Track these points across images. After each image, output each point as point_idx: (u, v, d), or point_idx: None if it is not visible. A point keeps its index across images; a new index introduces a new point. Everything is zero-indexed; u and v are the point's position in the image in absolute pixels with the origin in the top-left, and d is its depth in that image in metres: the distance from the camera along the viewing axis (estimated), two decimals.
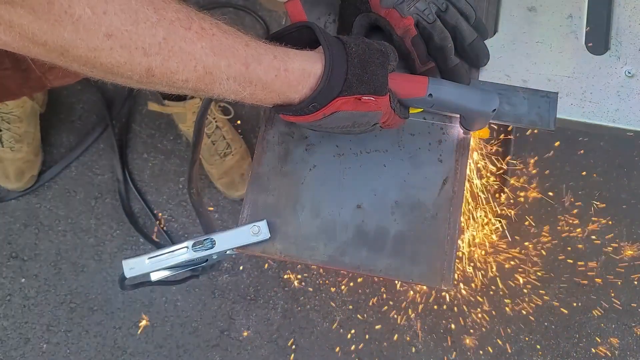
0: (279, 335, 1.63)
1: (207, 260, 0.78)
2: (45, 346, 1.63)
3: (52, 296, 1.66)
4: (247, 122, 1.79)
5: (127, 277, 0.75)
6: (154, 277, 0.77)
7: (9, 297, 1.66)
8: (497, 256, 1.66)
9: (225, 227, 1.68)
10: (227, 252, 0.77)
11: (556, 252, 1.69)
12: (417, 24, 0.78)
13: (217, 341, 1.63)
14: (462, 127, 0.78)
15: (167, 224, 1.71)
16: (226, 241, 0.75)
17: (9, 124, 1.64)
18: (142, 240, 1.68)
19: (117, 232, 1.70)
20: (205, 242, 0.75)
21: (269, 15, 1.84)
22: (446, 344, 1.62)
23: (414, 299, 1.64)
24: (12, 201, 1.72)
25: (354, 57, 0.66)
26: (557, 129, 0.81)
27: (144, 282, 0.78)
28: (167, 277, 0.78)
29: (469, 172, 1.36)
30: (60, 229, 1.70)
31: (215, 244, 0.75)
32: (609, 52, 0.86)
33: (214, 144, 1.66)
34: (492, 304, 1.64)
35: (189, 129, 1.66)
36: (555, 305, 1.65)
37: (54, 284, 1.67)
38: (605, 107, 0.83)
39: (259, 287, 1.67)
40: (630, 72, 0.85)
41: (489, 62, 0.82)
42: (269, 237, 0.76)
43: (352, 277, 1.66)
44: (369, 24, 0.82)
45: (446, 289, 0.75)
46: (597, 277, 1.68)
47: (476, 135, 0.86)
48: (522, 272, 1.66)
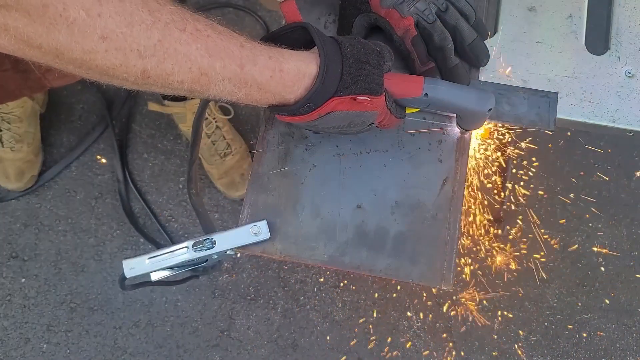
0: (279, 335, 1.63)
1: (207, 260, 0.78)
2: (45, 346, 1.63)
3: (52, 296, 1.66)
4: (247, 122, 1.79)
5: (127, 277, 0.75)
6: (154, 277, 0.77)
7: (9, 297, 1.66)
8: (497, 256, 1.66)
9: (225, 227, 1.68)
10: (227, 252, 0.77)
11: (556, 252, 1.69)
12: (417, 24, 0.78)
13: (217, 341, 1.63)
14: (458, 126, 0.78)
15: (167, 224, 1.71)
16: (226, 241, 0.75)
17: (9, 124, 1.64)
18: (142, 240, 1.68)
19: (117, 232, 1.70)
20: (205, 242, 0.75)
21: (269, 15, 1.84)
22: (446, 343, 1.62)
23: (414, 299, 1.64)
24: (12, 201, 1.72)
25: (349, 57, 0.66)
26: (557, 129, 0.81)
27: (144, 282, 0.78)
28: (167, 277, 0.78)
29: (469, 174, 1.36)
30: (60, 229, 1.70)
31: (215, 244, 0.75)
32: (609, 52, 0.86)
33: (214, 144, 1.66)
34: (492, 304, 1.64)
35: (189, 129, 1.66)
36: (555, 305, 1.65)
37: (54, 284, 1.67)
38: (605, 107, 0.83)
39: (259, 287, 1.67)
40: (630, 72, 0.85)
41: (489, 62, 0.82)
42: (269, 237, 0.76)
43: (352, 277, 1.66)
44: (369, 24, 0.82)
45: (446, 289, 0.75)
46: (597, 277, 1.68)
47: (476, 135, 0.86)
48: (521, 271, 1.66)
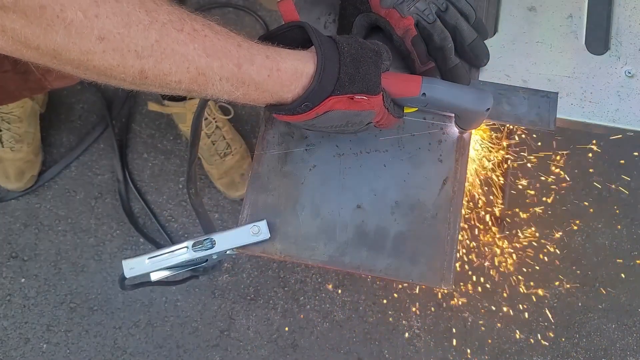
0: (279, 335, 1.63)
1: (207, 260, 0.78)
2: (45, 346, 1.63)
3: (52, 296, 1.66)
4: (247, 122, 1.79)
5: (127, 277, 0.75)
6: (154, 277, 0.77)
7: (9, 297, 1.66)
8: (497, 256, 1.66)
9: (225, 227, 1.68)
10: (227, 252, 0.77)
11: (556, 253, 1.69)
12: (417, 24, 0.78)
13: (217, 341, 1.63)
14: (457, 126, 0.78)
15: (167, 224, 1.71)
16: (226, 241, 0.75)
17: (9, 124, 1.64)
18: (142, 240, 1.68)
19: (117, 232, 1.70)
20: (205, 242, 0.75)
21: (269, 15, 1.84)
22: (446, 343, 1.62)
23: (414, 299, 1.64)
24: (12, 201, 1.72)
25: (346, 56, 0.66)
26: (557, 129, 0.81)
27: (144, 282, 0.78)
28: (167, 277, 0.78)
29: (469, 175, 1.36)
30: (60, 229, 1.70)
31: (215, 244, 0.75)
32: (609, 52, 0.86)
33: (214, 144, 1.66)
34: (492, 304, 1.64)
35: (189, 129, 1.66)
36: (555, 305, 1.65)
37: (54, 284, 1.67)
38: (605, 107, 0.83)
39: (259, 287, 1.67)
40: (630, 72, 0.85)
41: (489, 62, 0.82)
42: (269, 237, 0.76)
43: (352, 277, 1.66)
44: (369, 24, 0.82)
45: (446, 288, 0.75)
46: (597, 277, 1.68)
47: (475, 135, 0.86)
48: (522, 271, 1.66)
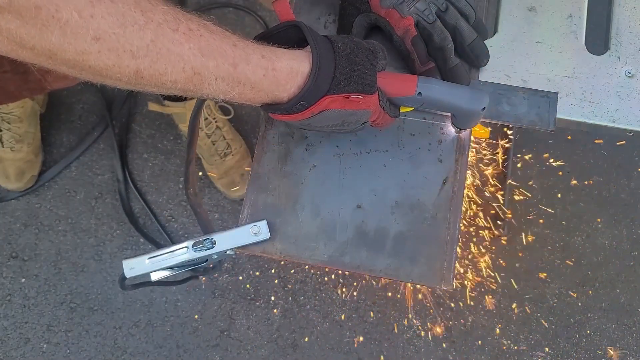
0: (279, 335, 1.63)
1: (207, 260, 0.78)
2: (45, 346, 1.63)
3: (52, 296, 1.66)
4: (247, 122, 1.79)
5: (127, 277, 0.75)
6: (154, 277, 0.77)
7: (9, 297, 1.66)
8: (497, 256, 1.66)
9: (225, 227, 1.68)
10: (227, 252, 0.77)
11: (556, 252, 1.69)
12: (417, 24, 0.78)
13: (217, 341, 1.63)
14: (453, 126, 0.78)
15: (167, 224, 1.71)
16: (226, 241, 0.75)
17: (9, 124, 1.64)
18: (142, 240, 1.68)
19: (117, 232, 1.70)
20: (205, 242, 0.75)
21: (269, 15, 1.84)
22: (446, 343, 1.62)
23: (414, 299, 1.64)
24: (12, 201, 1.72)
25: (341, 55, 0.66)
26: (557, 129, 0.81)
27: (144, 282, 0.78)
28: (167, 277, 0.78)
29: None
30: (60, 229, 1.70)
31: (215, 244, 0.75)
32: (609, 52, 0.86)
33: (214, 144, 1.66)
34: (492, 304, 1.64)
35: None
36: (555, 305, 1.65)
37: (54, 284, 1.67)
38: (605, 107, 0.83)
39: (259, 287, 1.67)
40: (630, 72, 0.85)
41: (489, 62, 0.82)
42: (269, 237, 0.76)
43: (352, 277, 1.66)
44: (369, 24, 0.82)
45: (446, 289, 0.75)
46: (597, 277, 1.68)
47: (476, 135, 0.86)
48: (522, 271, 1.66)
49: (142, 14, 0.54)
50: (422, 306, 1.64)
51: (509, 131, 1.68)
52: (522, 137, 1.73)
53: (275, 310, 1.65)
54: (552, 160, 1.73)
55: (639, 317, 1.65)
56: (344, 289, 1.66)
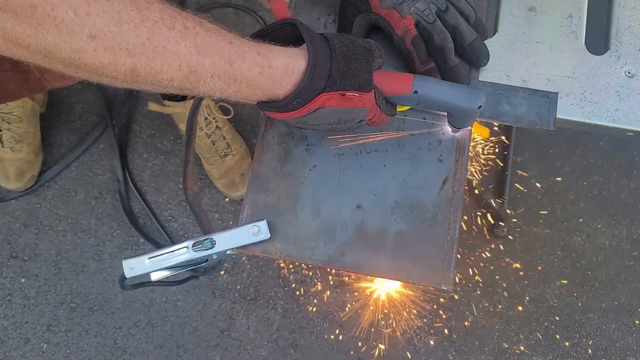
0: (279, 335, 1.63)
1: (207, 260, 0.78)
2: (45, 346, 1.63)
3: (52, 296, 1.66)
4: (247, 122, 1.79)
5: (127, 277, 0.75)
6: (154, 277, 0.77)
7: (9, 297, 1.66)
8: (497, 256, 1.66)
9: (225, 227, 1.68)
10: (227, 252, 0.77)
11: (556, 253, 1.69)
12: (417, 24, 0.78)
13: (217, 341, 1.63)
14: (449, 125, 0.78)
15: (167, 224, 1.71)
16: (226, 241, 0.75)
17: (10, 124, 1.64)
18: (142, 240, 1.68)
19: (117, 232, 1.70)
20: (205, 242, 0.75)
21: (269, 15, 1.84)
22: (446, 343, 1.62)
23: (414, 299, 1.64)
24: (12, 201, 1.72)
25: (337, 53, 0.66)
26: (557, 129, 0.81)
27: (144, 282, 0.78)
28: (167, 277, 0.78)
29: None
30: (60, 229, 1.70)
31: (215, 244, 0.75)
32: (609, 52, 0.86)
33: (214, 144, 1.66)
34: (492, 304, 1.64)
35: None
36: (555, 305, 1.65)
37: (54, 284, 1.67)
38: (605, 107, 0.83)
39: (259, 287, 1.67)
40: (630, 72, 0.85)
41: (489, 62, 0.82)
42: (269, 237, 0.76)
43: (352, 277, 1.66)
44: (369, 24, 0.82)
45: (446, 289, 0.75)
46: (597, 277, 1.68)
47: (476, 135, 0.86)
48: (522, 271, 1.66)
49: (138, 12, 0.54)
50: (422, 306, 1.64)
51: (509, 131, 1.68)
52: (523, 137, 1.73)
53: (275, 310, 1.65)
54: (552, 160, 1.73)
55: (639, 317, 1.65)
56: (344, 289, 1.66)
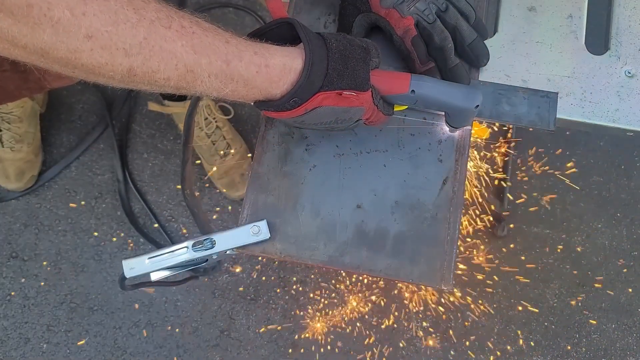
0: (279, 335, 1.63)
1: (207, 260, 0.78)
2: (45, 346, 1.63)
3: (52, 296, 1.66)
4: (247, 122, 1.79)
5: (127, 277, 0.75)
6: (154, 277, 0.77)
7: (9, 297, 1.66)
8: (497, 256, 1.66)
9: (225, 227, 1.68)
10: (227, 252, 0.77)
11: (556, 253, 1.69)
12: (417, 24, 0.78)
13: (217, 341, 1.63)
14: (447, 124, 0.78)
15: (167, 224, 1.71)
16: (226, 241, 0.75)
17: (9, 124, 1.64)
18: (142, 240, 1.68)
19: (117, 232, 1.70)
20: (205, 242, 0.75)
21: (269, 15, 1.84)
22: (447, 343, 1.62)
23: (414, 299, 1.64)
24: (12, 201, 1.72)
25: (334, 52, 0.66)
26: (557, 129, 0.81)
27: (144, 282, 0.78)
28: (167, 277, 0.78)
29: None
30: (60, 229, 1.70)
31: (215, 244, 0.75)
32: (609, 52, 0.86)
33: (214, 144, 1.66)
34: (491, 304, 1.64)
35: None
36: (555, 305, 1.65)
37: (54, 284, 1.67)
38: (605, 107, 0.83)
39: (259, 287, 1.67)
40: (630, 72, 0.85)
41: (489, 62, 0.82)
42: (269, 237, 0.76)
43: (352, 277, 1.66)
44: (369, 24, 0.82)
45: (446, 289, 0.75)
46: (597, 277, 1.68)
47: (476, 135, 0.86)
48: (522, 272, 1.66)
49: (135, 11, 0.54)
50: (422, 306, 1.64)
51: (509, 131, 1.68)
52: (522, 137, 1.73)
53: (275, 310, 1.65)
54: (552, 160, 1.73)
55: (639, 317, 1.65)
56: (344, 289, 1.66)
